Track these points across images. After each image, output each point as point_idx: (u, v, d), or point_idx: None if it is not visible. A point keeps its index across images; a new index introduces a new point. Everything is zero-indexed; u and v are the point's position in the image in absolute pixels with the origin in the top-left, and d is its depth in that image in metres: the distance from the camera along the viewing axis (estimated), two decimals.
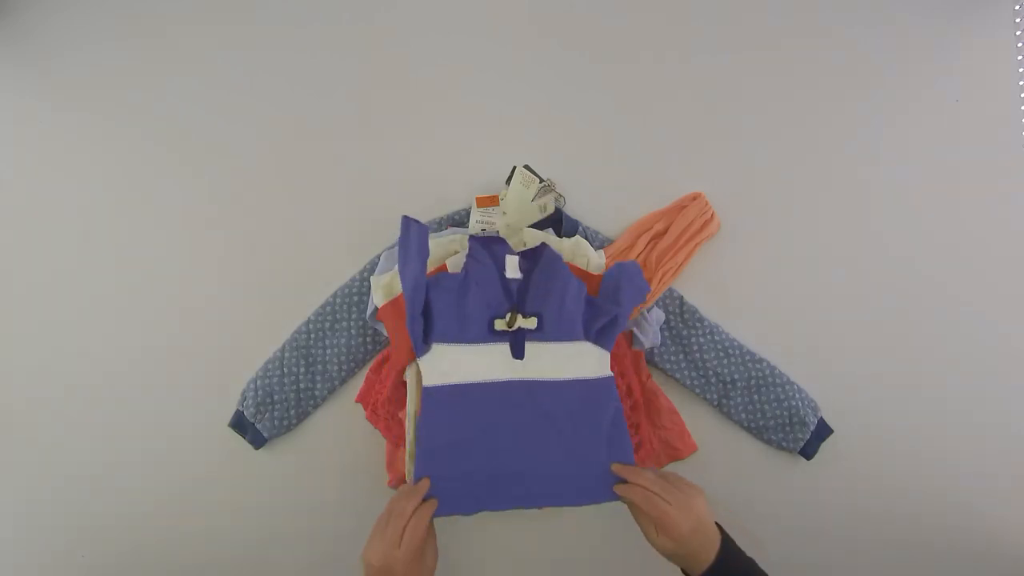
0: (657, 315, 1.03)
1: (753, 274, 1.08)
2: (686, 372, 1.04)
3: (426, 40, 1.12)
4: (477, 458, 0.84)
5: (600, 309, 0.92)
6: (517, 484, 0.85)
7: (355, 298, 1.04)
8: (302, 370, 1.03)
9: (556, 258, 0.91)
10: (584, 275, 1.00)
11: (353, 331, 1.04)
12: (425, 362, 0.86)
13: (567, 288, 0.89)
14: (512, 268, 0.90)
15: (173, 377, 1.06)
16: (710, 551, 0.81)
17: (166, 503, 1.04)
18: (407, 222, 0.88)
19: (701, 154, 1.10)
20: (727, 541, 0.83)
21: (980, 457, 1.06)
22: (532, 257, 0.95)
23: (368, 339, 1.04)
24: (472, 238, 0.93)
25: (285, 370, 1.03)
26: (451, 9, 1.12)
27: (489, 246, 0.94)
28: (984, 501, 1.05)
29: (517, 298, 0.89)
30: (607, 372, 0.91)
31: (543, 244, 0.97)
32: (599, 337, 0.92)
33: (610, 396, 0.89)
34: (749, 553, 1.04)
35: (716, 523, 0.83)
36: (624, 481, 0.87)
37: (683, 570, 0.84)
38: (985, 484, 1.05)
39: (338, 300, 1.04)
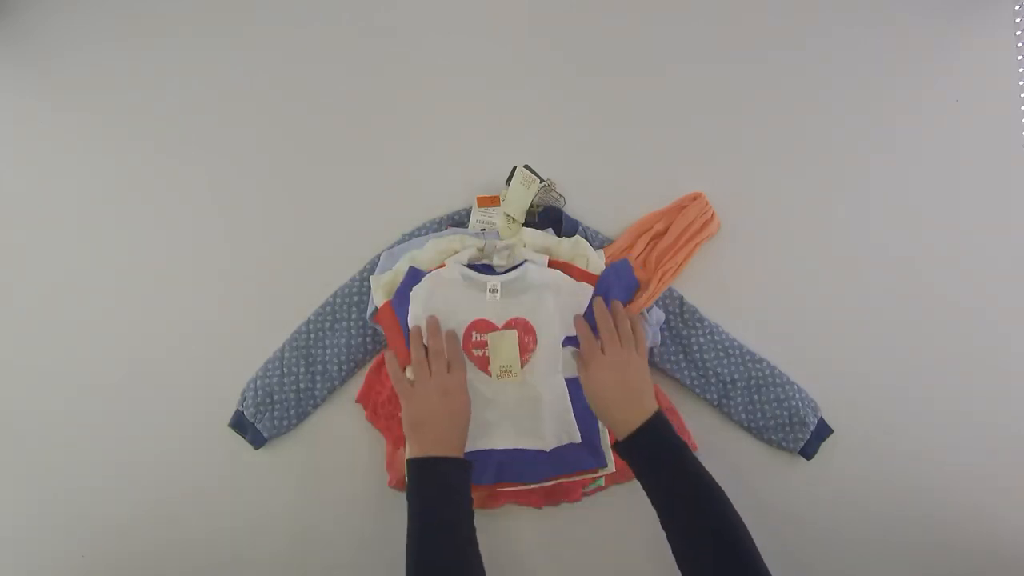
0: (657, 315, 1.03)
1: (753, 274, 1.08)
2: (686, 372, 1.04)
3: (426, 40, 1.12)
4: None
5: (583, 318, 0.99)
6: (513, 464, 0.97)
7: (355, 298, 1.04)
8: (302, 370, 1.03)
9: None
10: (583, 275, 1.00)
11: (353, 331, 1.04)
12: None
13: None
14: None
15: (173, 377, 1.06)
16: (636, 416, 0.82)
17: (166, 503, 1.04)
18: (415, 272, 0.99)
19: (701, 154, 1.10)
20: (660, 417, 0.83)
21: (980, 457, 1.06)
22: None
23: (368, 339, 1.04)
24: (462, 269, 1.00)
25: (285, 370, 1.03)
26: (451, 9, 1.12)
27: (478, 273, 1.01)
28: (984, 501, 1.05)
29: None
30: None
31: (525, 262, 1.00)
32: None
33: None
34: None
35: (659, 408, 0.85)
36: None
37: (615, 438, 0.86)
38: (985, 484, 1.05)
39: (338, 300, 1.04)
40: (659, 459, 0.81)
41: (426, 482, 0.81)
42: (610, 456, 0.99)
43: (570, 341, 0.99)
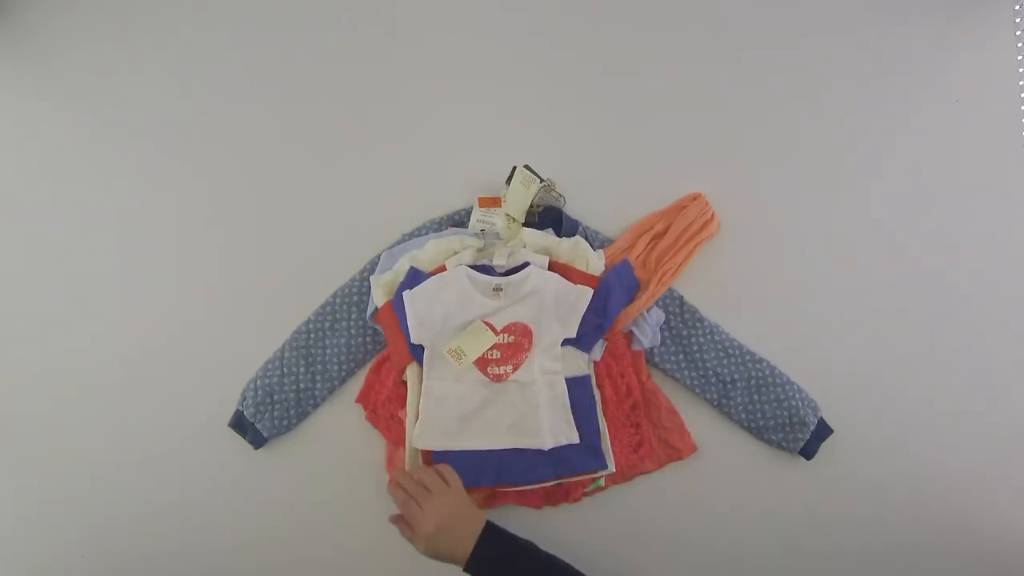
0: (657, 315, 1.03)
1: (753, 274, 1.08)
2: (686, 372, 1.04)
3: (426, 41, 1.12)
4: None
5: (584, 319, 0.99)
6: (513, 465, 0.97)
7: (355, 298, 1.04)
8: (302, 370, 1.03)
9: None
10: (583, 278, 1.00)
11: (353, 331, 1.04)
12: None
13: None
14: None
15: (173, 377, 1.06)
16: (466, 544, 0.86)
17: (166, 503, 1.04)
18: (415, 272, 0.99)
19: (701, 154, 1.10)
20: (488, 532, 0.88)
21: (980, 457, 1.06)
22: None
23: (368, 339, 1.04)
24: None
25: (285, 370, 1.03)
26: (451, 9, 1.12)
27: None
28: (984, 501, 1.05)
29: None
30: (585, 371, 1.00)
31: (528, 265, 1.00)
32: (580, 342, 1.00)
33: (586, 390, 1.00)
34: (748, 552, 1.04)
35: (487, 522, 0.89)
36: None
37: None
38: (985, 485, 1.05)
39: (338, 300, 1.05)
40: (501, 564, 0.87)
41: None
42: (610, 457, 0.99)
43: (569, 342, 0.99)
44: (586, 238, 1.04)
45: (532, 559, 0.88)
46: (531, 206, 1.04)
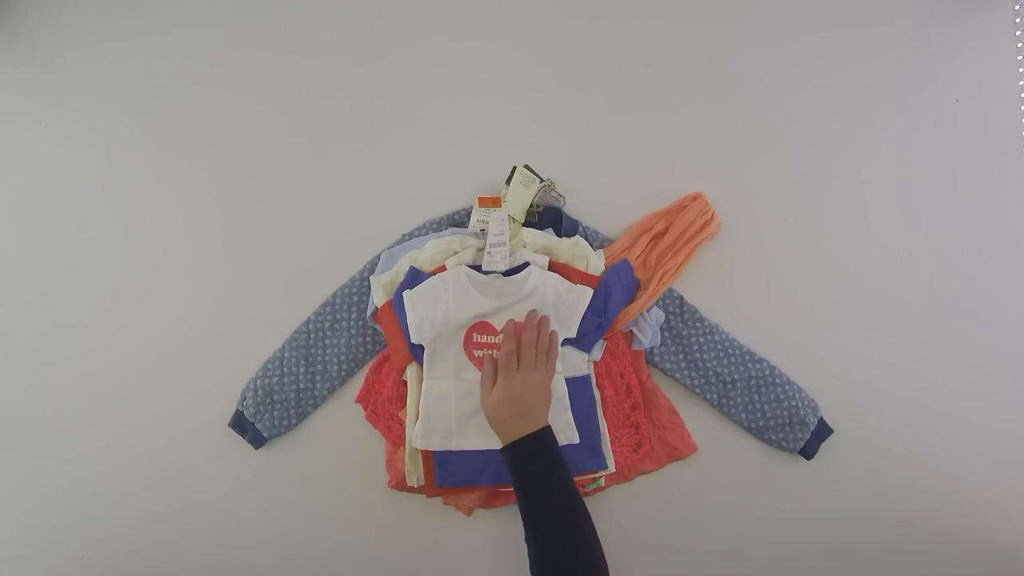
0: (657, 315, 1.03)
1: (753, 274, 1.08)
2: (686, 372, 1.04)
3: (426, 41, 1.12)
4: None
5: (584, 319, 0.99)
6: None
7: (355, 298, 1.05)
8: (302, 370, 1.03)
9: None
10: (584, 278, 1.00)
11: (353, 331, 1.04)
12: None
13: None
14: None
15: (173, 377, 1.06)
16: (512, 432, 0.86)
17: (165, 503, 1.04)
18: (415, 272, 0.99)
19: (701, 154, 1.10)
20: (537, 438, 0.86)
21: (979, 458, 1.06)
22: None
23: (368, 339, 1.04)
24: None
25: (285, 370, 1.03)
26: (452, 9, 1.12)
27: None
28: (983, 502, 1.05)
29: None
30: (585, 371, 1.00)
31: (528, 264, 1.00)
32: (580, 342, 1.00)
33: (586, 390, 1.00)
34: (747, 552, 1.04)
35: (547, 425, 0.88)
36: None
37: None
38: (984, 485, 1.05)
39: (338, 300, 1.05)
40: (534, 469, 0.86)
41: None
42: (610, 457, 0.99)
43: (569, 342, 0.99)
44: (586, 238, 1.04)
45: (562, 487, 0.85)
46: (531, 206, 1.04)
